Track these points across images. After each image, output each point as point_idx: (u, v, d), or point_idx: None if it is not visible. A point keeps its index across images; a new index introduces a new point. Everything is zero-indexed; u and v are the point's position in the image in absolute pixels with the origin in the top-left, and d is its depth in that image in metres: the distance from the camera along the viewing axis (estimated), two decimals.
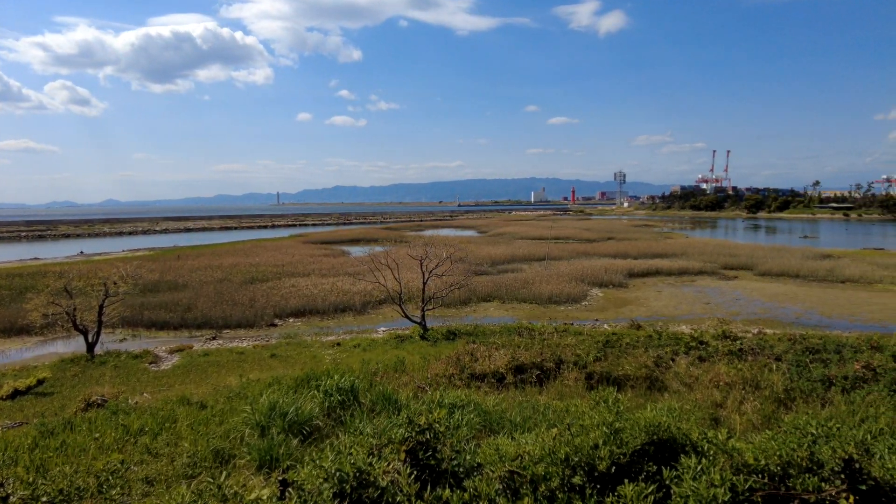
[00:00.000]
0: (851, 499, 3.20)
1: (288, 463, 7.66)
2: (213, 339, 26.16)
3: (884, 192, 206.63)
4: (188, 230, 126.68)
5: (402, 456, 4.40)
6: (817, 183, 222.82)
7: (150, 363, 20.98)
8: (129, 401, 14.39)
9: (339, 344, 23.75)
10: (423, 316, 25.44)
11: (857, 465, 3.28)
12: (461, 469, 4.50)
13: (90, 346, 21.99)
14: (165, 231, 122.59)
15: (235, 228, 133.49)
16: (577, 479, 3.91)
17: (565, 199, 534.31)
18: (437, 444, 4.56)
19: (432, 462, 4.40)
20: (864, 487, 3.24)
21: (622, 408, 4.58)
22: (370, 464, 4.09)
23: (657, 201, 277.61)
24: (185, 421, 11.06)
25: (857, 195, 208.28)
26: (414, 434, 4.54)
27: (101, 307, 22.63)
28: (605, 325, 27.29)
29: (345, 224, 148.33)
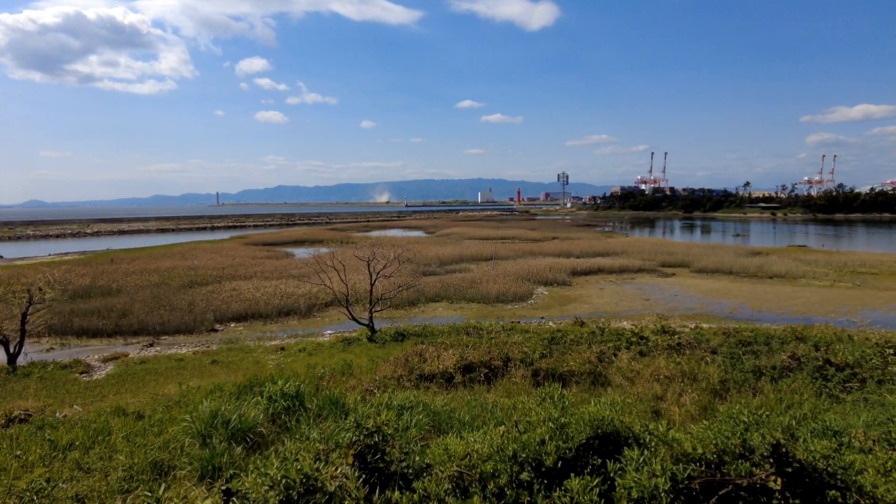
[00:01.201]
0: (779, 481, 3.38)
1: (231, 472, 7.43)
2: (151, 345, 25.01)
3: (805, 193, 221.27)
4: (122, 233, 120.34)
5: (350, 460, 4.35)
6: (748, 184, 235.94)
7: (82, 373, 19.82)
8: (58, 414, 13.54)
9: (283, 348, 23.22)
10: (370, 318, 25.19)
11: (783, 450, 3.47)
12: (410, 470, 4.47)
13: (12, 358, 20.54)
14: (97, 234, 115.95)
15: (173, 230, 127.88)
16: (524, 476, 3.96)
17: (511, 199, 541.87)
18: (385, 446, 4.53)
19: (381, 465, 4.37)
20: (790, 469, 3.43)
21: (567, 403, 4.67)
22: (317, 469, 4.01)
23: (599, 202, 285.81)
24: (121, 433, 10.50)
25: (782, 195, 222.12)
26: (362, 437, 4.50)
27: (24, 315, 21.20)
28: (551, 323, 27.86)
29: (288, 225, 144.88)
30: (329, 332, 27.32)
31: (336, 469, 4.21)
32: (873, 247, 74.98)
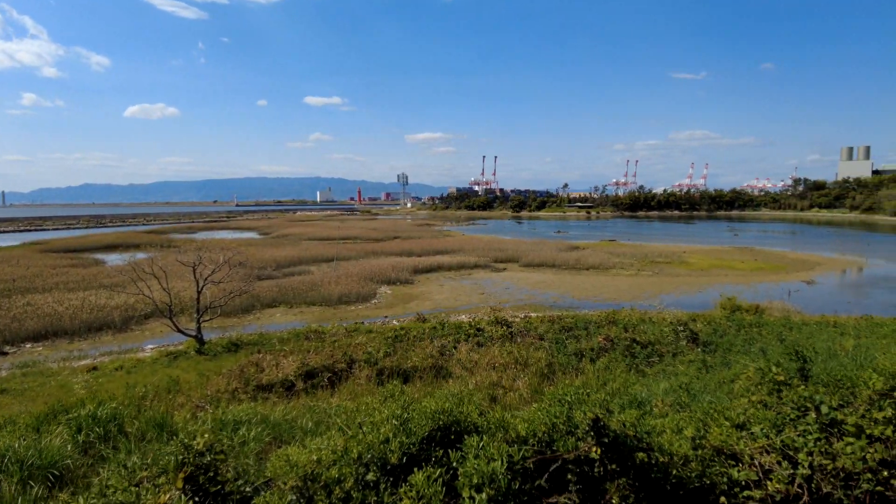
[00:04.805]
0: (598, 451, 3.76)
1: None
2: None
3: (614, 194, 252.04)
4: None
5: (180, 484, 4.00)
6: (566, 185, 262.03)
7: None
8: None
9: (96, 368, 20.48)
10: (198, 328, 23.25)
11: (601, 424, 3.86)
12: (248, 487, 4.24)
13: None
14: None
15: None
16: (370, 476, 3.92)
17: (352, 199, 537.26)
18: (219, 465, 4.21)
19: (216, 486, 4.05)
20: (606, 440, 3.84)
21: (409, 399, 4.72)
22: (138, 498, 3.58)
23: (437, 202, 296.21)
24: None
25: (595, 196, 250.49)
26: (192, 458, 4.16)
27: None
28: (395, 321, 28.17)
29: (97, 228, 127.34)
30: (150, 346, 24.67)
31: (165, 495, 3.82)
32: (666, 240, 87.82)
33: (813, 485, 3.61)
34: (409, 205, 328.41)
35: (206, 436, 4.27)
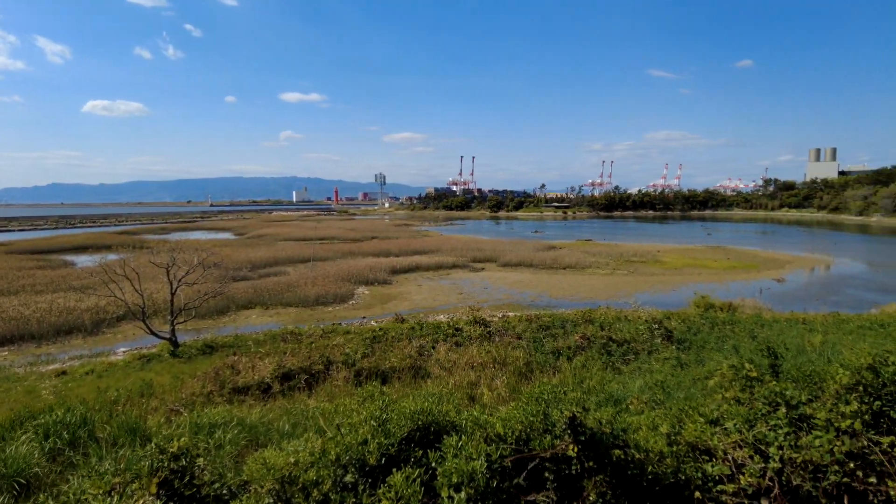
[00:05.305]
0: (575, 449, 3.80)
1: None
2: None
3: (590, 194, 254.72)
4: None
5: (154, 489, 3.93)
6: (543, 186, 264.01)
7: None
8: None
9: (64, 373, 19.95)
10: (172, 330, 22.82)
11: (577, 422, 3.90)
12: (225, 491, 4.18)
13: None
14: None
15: None
16: (349, 478, 3.90)
17: (329, 199, 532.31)
18: (195, 469, 4.15)
19: (191, 490, 4.00)
20: (583, 438, 3.87)
21: (388, 400, 4.70)
22: None
23: (415, 202, 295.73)
24: None
25: (572, 196, 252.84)
26: (166, 463, 4.09)
27: None
28: (373, 322, 28.04)
29: (66, 228, 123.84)
30: (123, 349, 24.14)
31: (138, 501, 3.76)
32: (641, 239, 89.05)
33: (783, 478, 3.70)
34: (386, 205, 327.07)
35: (182, 439, 4.20)
